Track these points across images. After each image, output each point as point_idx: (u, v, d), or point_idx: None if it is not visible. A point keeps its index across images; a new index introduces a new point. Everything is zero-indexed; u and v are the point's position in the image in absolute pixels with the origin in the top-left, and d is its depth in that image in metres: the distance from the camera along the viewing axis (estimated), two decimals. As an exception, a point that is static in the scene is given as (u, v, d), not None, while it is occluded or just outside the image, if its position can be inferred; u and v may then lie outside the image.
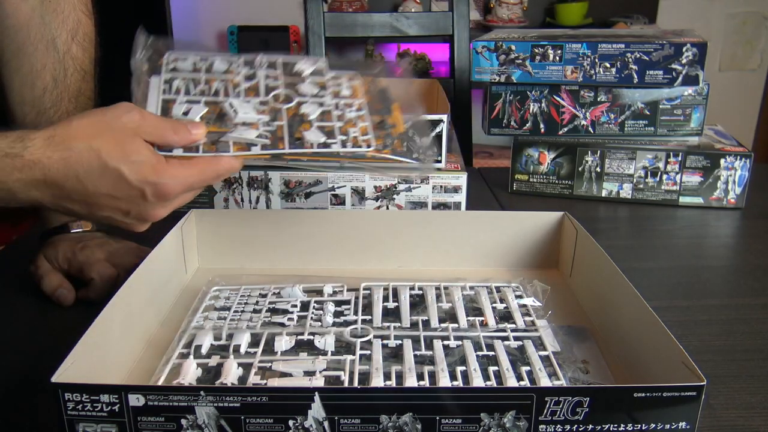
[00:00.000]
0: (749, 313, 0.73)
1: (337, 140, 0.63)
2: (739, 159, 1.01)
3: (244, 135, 0.61)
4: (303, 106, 0.65)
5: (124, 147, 0.55)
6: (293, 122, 0.63)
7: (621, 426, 0.47)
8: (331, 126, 0.64)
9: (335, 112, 0.66)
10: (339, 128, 0.64)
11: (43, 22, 0.77)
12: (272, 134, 0.62)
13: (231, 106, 0.63)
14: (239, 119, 0.62)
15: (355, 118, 0.66)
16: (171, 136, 0.58)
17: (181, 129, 0.59)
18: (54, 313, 0.71)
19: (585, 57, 1.05)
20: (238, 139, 0.61)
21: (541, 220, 0.78)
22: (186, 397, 0.46)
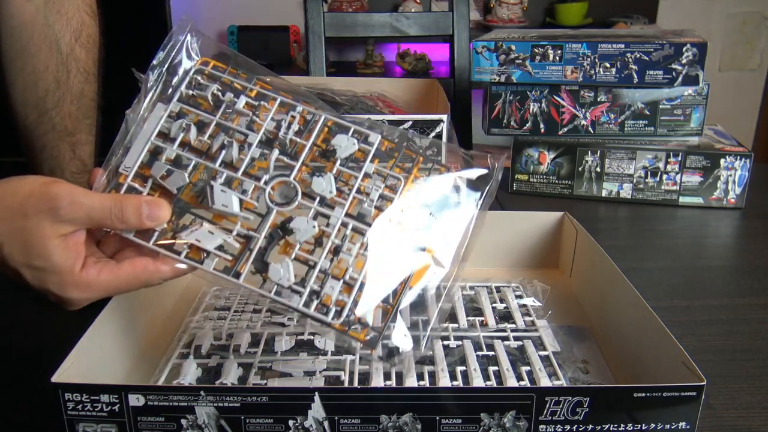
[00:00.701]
0: (749, 313, 0.73)
1: (305, 291, 0.49)
2: (739, 159, 1.01)
3: (204, 241, 0.50)
4: (296, 220, 0.51)
5: (30, 250, 0.47)
6: (276, 234, 0.51)
7: (621, 426, 0.47)
8: (314, 261, 0.50)
9: (332, 239, 0.51)
10: (319, 273, 0.50)
11: (47, 23, 0.77)
12: (243, 243, 0.51)
13: (211, 190, 0.51)
14: (215, 210, 0.51)
15: (352, 261, 0.50)
16: (114, 223, 0.49)
17: (131, 217, 0.49)
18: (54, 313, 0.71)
19: (585, 57, 1.05)
20: (196, 244, 0.50)
21: (541, 220, 0.78)
22: (186, 397, 0.46)
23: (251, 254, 0.50)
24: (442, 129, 0.91)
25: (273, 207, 0.52)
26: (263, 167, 0.53)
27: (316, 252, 0.51)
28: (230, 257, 0.51)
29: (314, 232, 0.51)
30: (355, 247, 0.51)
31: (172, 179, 0.52)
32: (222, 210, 0.51)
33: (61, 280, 0.48)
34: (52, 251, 0.47)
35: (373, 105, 1.04)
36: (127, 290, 0.51)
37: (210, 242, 0.50)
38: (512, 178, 1.10)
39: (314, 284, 0.50)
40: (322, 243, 0.51)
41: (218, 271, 0.50)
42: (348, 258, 0.51)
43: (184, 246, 0.50)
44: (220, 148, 0.53)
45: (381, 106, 1.05)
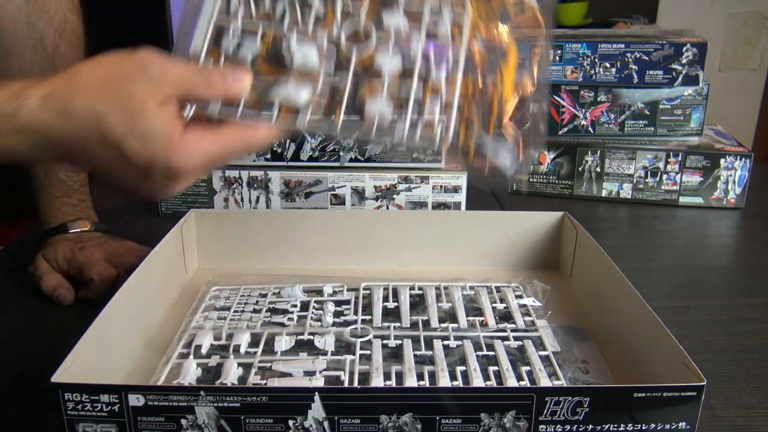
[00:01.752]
0: (749, 313, 0.73)
1: (406, 121, 0.49)
2: (739, 159, 1.01)
3: (294, 95, 0.49)
4: (379, 56, 0.50)
5: (132, 115, 0.47)
6: (362, 77, 0.50)
7: (621, 426, 0.47)
8: (405, 93, 0.49)
9: (419, 68, 0.50)
10: (415, 100, 0.49)
11: (30, 21, 0.77)
12: (331, 95, 0.50)
13: (288, 48, 0.50)
14: (296, 66, 0.50)
15: (443, 84, 0.49)
16: (202, 91, 0.49)
17: (217, 81, 0.49)
18: (54, 313, 0.71)
19: (585, 57, 1.05)
20: (287, 100, 0.50)
21: (541, 220, 0.78)
22: (186, 397, 0.46)
23: (342, 100, 0.50)
24: (442, 129, 0.90)
25: (352, 50, 0.50)
26: (329, 29, 0.51)
27: (404, 85, 0.50)
28: (322, 108, 0.50)
29: (399, 64, 0.50)
30: (443, 67, 0.50)
31: (244, 49, 0.51)
32: (302, 65, 0.50)
33: (167, 144, 0.47)
34: (154, 115, 0.47)
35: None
36: (231, 154, 0.50)
37: (299, 96, 0.50)
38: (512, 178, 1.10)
39: (413, 113, 0.49)
40: (409, 73, 0.50)
41: (315, 119, 0.49)
42: (438, 80, 0.49)
43: (273, 109, 0.50)
44: (283, 14, 0.51)
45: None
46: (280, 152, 0.92)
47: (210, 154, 0.49)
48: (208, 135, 0.49)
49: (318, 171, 0.93)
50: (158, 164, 0.48)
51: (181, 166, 0.48)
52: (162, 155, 0.48)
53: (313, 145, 0.91)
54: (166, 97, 0.47)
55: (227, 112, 0.50)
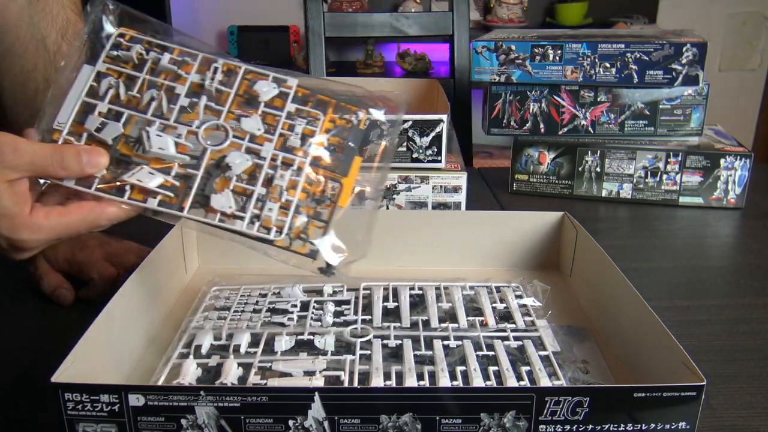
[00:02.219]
0: (749, 313, 0.73)
1: (247, 215, 0.53)
2: (739, 159, 1.01)
3: (145, 180, 0.53)
4: (230, 154, 0.54)
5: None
6: (213, 172, 0.54)
7: (621, 426, 0.47)
8: (251, 189, 0.54)
9: (265, 170, 0.55)
10: (258, 196, 0.54)
11: (32, 22, 0.77)
12: (182, 183, 0.54)
13: (147, 135, 0.54)
14: (152, 153, 0.54)
15: (286, 185, 0.54)
16: (56, 171, 0.51)
17: (71, 163, 0.51)
18: (54, 313, 0.71)
19: (585, 57, 1.05)
20: (138, 184, 0.53)
21: (541, 220, 0.78)
22: (186, 397, 0.46)
23: (192, 189, 0.54)
24: (442, 129, 0.91)
25: (207, 146, 0.55)
26: (193, 119, 0.56)
27: (251, 183, 0.55)
28: (172, 194, 0.54)
29: (249, 164, 0.55)
30: (286, 173, 0.55)
31: (107, 130, 0.54)
32: (159, 153, 0.54)
33: (12, 223, 0.51)
34: (2, 195, 0.50)
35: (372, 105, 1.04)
36: (76, 232, 0.53)
37: (151, 181, 0.53)
38: (512, 178, 1.10)
39: (254, 209, 0.54)
40: (255, 176, 0.55)
41: (163, 206, 0.53)
42: (281, 183, 0.55)
43: (126, 188, 0.53)
44: (150, 101, 0.55)
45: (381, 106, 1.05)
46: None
47: (55, 230, 0.52)
48: (55, 214, 0.52)
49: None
50: (4, 237, 0.51)
51: (25, 240, 0.52)
52: (8, 231, 0.51)
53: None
54: (15, 178, 0.50)
55: (82, 185, 0.53)
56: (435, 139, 0.91)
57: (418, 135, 0.91)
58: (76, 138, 0.54)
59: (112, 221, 0.53)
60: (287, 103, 0.57)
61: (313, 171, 0.56)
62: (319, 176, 0.56)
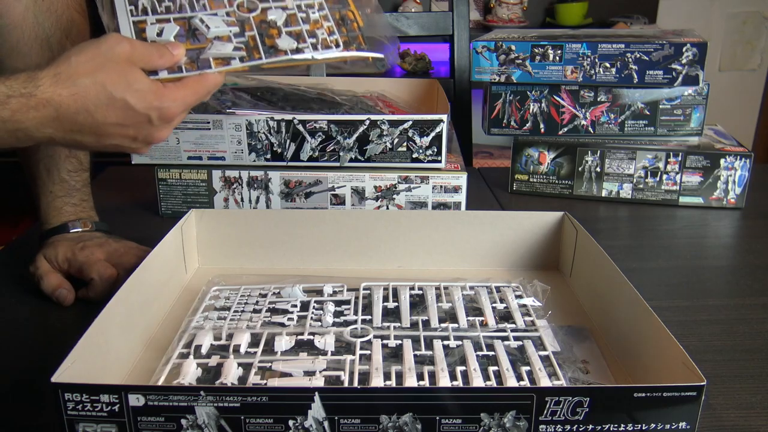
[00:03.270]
0: (749, 313, 0.73)
1: (308, 44, 0.69)
2: (739, 159, 1.01)
3: (221, 50, 0.66)
4: (268, 12, 0.70)
5: (127, 77, 0.60)
6: (262, 30, 0.68)
7: (621, 426, 0.47)
8: (298, 30, 0.69)
9: (299, 14, 0.70)
10: (306, 31, 0.69)
11: (37, 21, 0.77)
12: (245, 45, 0.67)
13: (202, 22, 0.67)
14: (212, 33, 0.67)
15: (319, 17, 0.70)
16: (157, 60, 0.63)
17: (164, 52, 0.64)
18: (54, 313, 0.71)
19: (585, 57, 1.05)
20: (217, 54, 0.66)
21: (541, 220, 0.78)
22: (186, 397, 0.46)
23: (257, 45, 0.68)
24: (442, 129, 0.91)
25: (248, 15, 0.70)
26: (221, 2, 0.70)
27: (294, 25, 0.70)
28: (244, 53, 0.67)
29: (285, 14, 0.70)
30: (315, 10, 0.71)
31: (165, 32, 0.67)
32: (216, 32, 0.67)
33: (158, 94, 0.62)
34: (142, 76, 0.61)
35: (373, 105, 1.04)
36: (198, 99, 0.65)
37: (225, 48, 0.67)
38: (512, 178, 1.10)
39: (310, 38, 0.70)
40: (293, 19, 0.70)
41: (245, 62, 0.67)
42: (316, 16, 0.71)
43: (209, 61, 0.66)
44: (182, 6, 0.69)
45: (381, 106, 1.05)
46: (280, 152, 0.92)
47: (186, 98, 0.64)
48: (180, 86, 0.64)
49: (318, 171, 0.93)
50: (154, 110, 0.62)
51: (171, 109, 0.63)
52: (156, 102, 0.62)
53: (314, 146, 0.91)
54: (138, 64, 0.62)
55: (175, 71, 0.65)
56: (435, 139, 0.91)
57: (418, 135, 0.91)
58: None
59: (216, 86, 0.66)
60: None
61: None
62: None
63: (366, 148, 0.92)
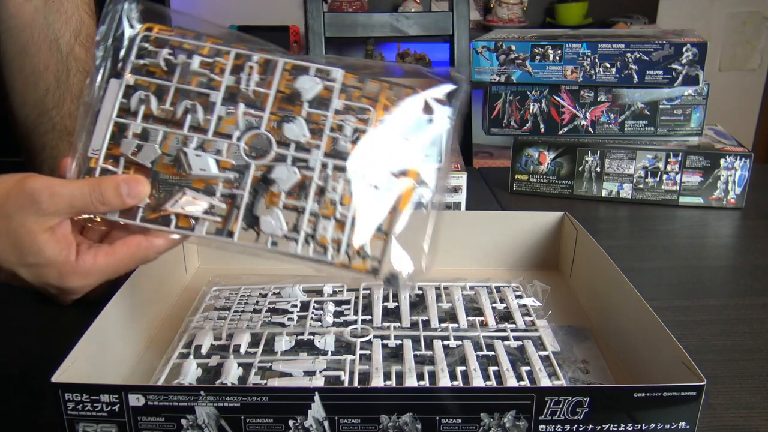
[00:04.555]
0: (749, 313, 0.73)
1: (300, 236, 0.51)
2: (739, 159, 1.01)
3: (189, 208, 0.51)
4: (276, 169, 0.51)
5: (21, 249, 0.48)
6: (260, 188, 0.51)
7: (621, 426, 0.47)
8: (302, 206, 0.51)
9: (316, 181, 0.51)
10: (310, 216, 0.51)
11: (47, 22, 0.77)
12: (229, 203, 0.51)
13: (185, 156, 0.51)
14: (194, 175, 0.51)
15: (338, 197, 0.51)
16: (97, 207, 0.49)
17: (111, 198, 0.49)
18: (54, 313, 0.71)
19: (585, 57, 1.05)
20: (183, 212, 0.51)
21: (541, 220, 0.78)
22: (186, 397, 0.46)
23: (239, 211, 0.51)
24: (442, 129, 0.90)
25: (250, 161, 0.52)
26: (232, 124, 0.52)
27: (301, 197, 0.51)
28: (220, 218, 0.51)
29: (296, 178, 0.51)
30: (339, 185, 0.51)
31: (143, 153, 0.52)
32: (200, 174, 0.51)
33: (59, 272, 0.49)
34: (44, 246, 0.48)
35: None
36: (125, 270, 0.51)
37: (196, 208, 0.51)
38: (512, 178, 1.10)
39: (307, 228, 0.51)
40: (306, 187, 0.51)
41: (211, 234, 0.51)
42: (334, 196, 0.51)
43: (171, 216, 0.51)
44: (185, 113, 0.52)
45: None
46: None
47: (105, 272, 0.50)
48: (102, 255, 0.50)
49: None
50: (51, 287, 0.50)
51: (75, 287, 0.50)
52: (54, 281, 0.49)
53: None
54: (56, 223, 0.48)
55: (127, 217, 0.51)
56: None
57: None
58: (113, 162, 0.52)
59: (160, 253, 0.52)
60: (333, 98, 0.52)
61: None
62: None
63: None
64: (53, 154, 0.80)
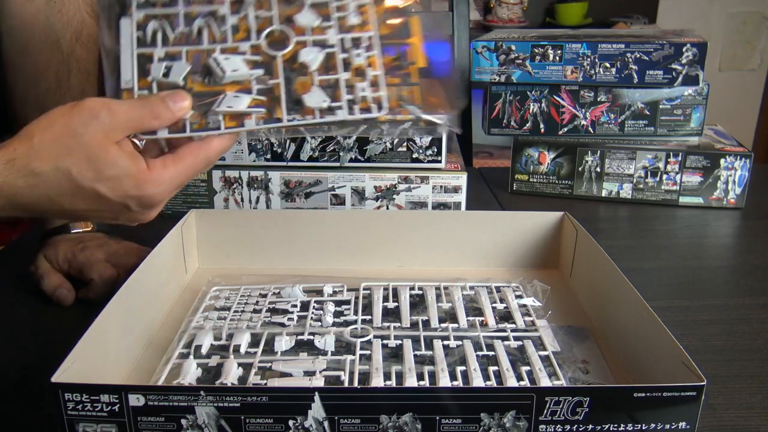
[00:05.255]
0: (749, 313, 0.73)
1: (343, 102, 0.54)
2: (739, 159, 1.01)
3: (233, 105, 0.53)
4: (302, 52, 0.55)
5: (97, 163, 0.49)
6: (291, 75, 0.55)
7: (621, 426, 0.47)
8: (335, 79, 0.55)
9: (340, 55, 0.55)
10: (345, 81, 0.55)
11: (48, 22, 0.77)
12: (268, 96, 0.54)
13: (216, 63, 0.54)
14: (228, 78, 0.54)
15: (365, 62, 0.55)
16: (150, 122, 0.51)
17: (161, 110, 0.52)
18: (54, 313, 0.71)
19: (585, 57, 1.05)
20: (229, 111, 0.53)
21: (541, 220, 0.78)
22: (186, 397, 0.46)
23: (280, 99, 0.54)
24: (442, 129, 0.90)
25: (276, 53, 0.55)
26: (245, 30, 0.56)
27: (331, 71, 0.55)
28: (264, 110, 0.54)
29: (322, 55, 0.56)
30: (361, 51, 0.56)
31: (173, 72, 0.54)
32: (234, 76, 0.54)
33: (137, 180, 0.51)
34: (117, 157, 0.50)
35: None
36: (194, 174, 0.54)
37: (240, 104, 0.54)
38: (512, 178, 1.10)
39: (347, 96, 0.55)
40: (333, 65, 0.56)
41: (261, 124, 0.54)
42: (361, 62, 0.56)
43: (220, 119, 0.53)
44: (200, 32, 0.56)
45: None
46: (280, 152, 0.92)
47: (176, 179, 0.52)
48: (170, 162, 0.52)
49: (318, 171, 0.93)
50: (132, 199, 0.52)
51: (153, 195, 0.52)
52: (134, 191, 0.51)
53: (313, 146, 0.92)
54: (120, 138, 0.50)
55: (177, 131, 0.53)
56: (435, 139, 0.91)
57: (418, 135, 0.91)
58: (148, 91, 0.54)
59: (221, 153, 0.54)
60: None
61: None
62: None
63: (366, 148, 0.92)
64: None
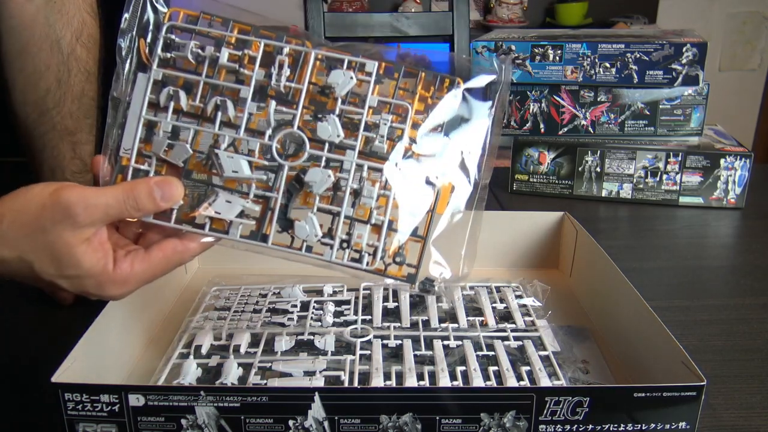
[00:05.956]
0: (749, 313, 0.73)
1: (335, 243, 0.50)
2: (739, 159, 1.01)
3: (224, 212, 0.50)
4: (309, 173, 0.50)
5: (60, 261, 0.47)
6: (292, 189, 0.50)
7: (621, 426, 0.47)
8: (337, 210, 0.50)
9: (350, 184, 0.50)
10: (344, 219, 0.50)
11: (48, 22, 0.77)
12: (263, 203, 0.50)
13: (218, 158, 0.50)
14: (227, 175, 0.50)
15: (374, 204, 0.50)
16: (131, 213, 0.49)
17: (146, 203, 0.49)
18: (54, 313, 0.71)
19: (585, 57, 1.05)
20: (216, 215, 0.50)
21: (541, 220, 0.78)
22: (186, 397, 0.46)
23: (273, 214, 0.50)
24: (442, 129, 0.90)
25: (284, 162, 0.50)
26: (263, 118, 0.51)
27: (336, 198, 0.50)
28: (253, 221, 0.50)
29: (331, 181, 0.50)
30: (374, 187, 0.50)
31: (175, 153, 0.51)
32: (233, 176, 0.50)
33: (98, 282, 0.49)
34: (81, 258, 0.47)
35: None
36: (161, 275, 0.51)
37: (230, 211, 0.50)
38: (512, 178, 1.10)
39: (342, 234, 0.50)
40: (340, 188, 0.50)
41: (245, 238, 0.50)
42: (369, 200, 0.50)
43: (205, 219, 0.50)
44: (215, 109, 0.51)
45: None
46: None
47: (142, 278, 0.50)
48: (138, 261, 0.49)
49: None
50: (92, 295, 0.50)
51: (114, 295, 0.50)
52: (94, 290, 0.49)
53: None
54: (92, 233, 0.48)
55: (162, 219, 0.50)
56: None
57: None
58: (144, 159, 0.51)
59: (195, 256, 0.52)
60: (368, 95, 0.51)
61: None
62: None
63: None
64: (53, 154, 0.80)
